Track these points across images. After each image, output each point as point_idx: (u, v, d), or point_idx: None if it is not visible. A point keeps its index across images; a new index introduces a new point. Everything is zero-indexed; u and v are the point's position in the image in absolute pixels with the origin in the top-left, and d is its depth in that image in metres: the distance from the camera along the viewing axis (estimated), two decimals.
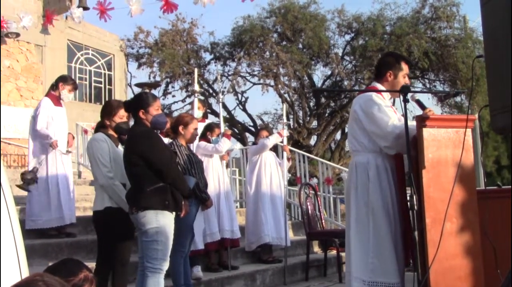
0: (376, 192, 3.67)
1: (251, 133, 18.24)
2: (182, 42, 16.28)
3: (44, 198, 5.99)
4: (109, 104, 4.53)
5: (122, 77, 15.48)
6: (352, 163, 3.87)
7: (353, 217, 3.74)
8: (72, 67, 14.03)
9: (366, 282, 3.59)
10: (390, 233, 3.61)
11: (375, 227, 3.63)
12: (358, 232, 3.70)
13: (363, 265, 3.62)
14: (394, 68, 3.91)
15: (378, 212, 3.64)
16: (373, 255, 3.60)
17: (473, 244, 3.43)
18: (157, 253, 3.92)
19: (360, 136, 3.80)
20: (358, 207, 3.73)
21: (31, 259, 4.77)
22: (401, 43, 14.43)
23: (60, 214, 5.99)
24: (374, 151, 3.75)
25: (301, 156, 9.54)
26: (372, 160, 3.74)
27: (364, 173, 3.74)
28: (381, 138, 3.67)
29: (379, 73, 3.99)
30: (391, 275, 3.56)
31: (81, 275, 2.19)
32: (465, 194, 3.46)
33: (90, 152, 4.36)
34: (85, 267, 2.24)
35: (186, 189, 4.19)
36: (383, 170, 3.72)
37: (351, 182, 3.83)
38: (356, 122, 3.82)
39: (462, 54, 14.57)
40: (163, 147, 4.14)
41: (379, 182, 3.68)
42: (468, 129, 3.52)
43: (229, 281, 5.87)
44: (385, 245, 3.59)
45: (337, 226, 8.99)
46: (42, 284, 1.59)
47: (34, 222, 5.93)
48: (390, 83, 3.91)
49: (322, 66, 17.18)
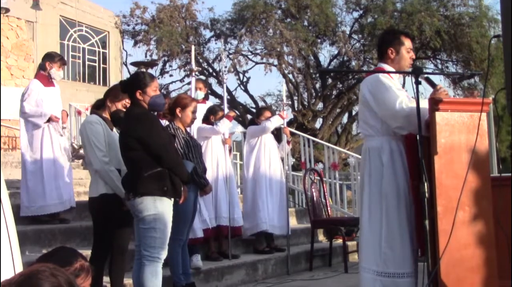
0: (390, 178, 3.66)
1: (253, 115, 18.22)
2: (180, 19, 16.21)
3: (39, 183, 5.99)
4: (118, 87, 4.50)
5: (117, 56, 15.45)
6: (364, 149, 3.86)
7: (366, 205, 3.74)
8: (65, 45, 14.00)
9: (377, 273, 3.60)
10: (405, 221, 3.61)
11: (387, 215, 3.63)
12: (371, 221, 3.69)
13: (375, 255, 3.63)
14: (394, 44, 3.90)
15: (391, 200, 3.64)
16: (385, 245, 3.60)
17: (486, 233, 3.43)
18: (155, 241, 3.93)
19: (371, 119, 3.78)
20: (371, 195, 3.73)
21: (23, 246, 4.81)
22: (412, 21, 14.35)
23: (56, 200, 5.98)
24: (387, 134, 3.73)
25: (305, 140, 9.55)
26: (386, 144, 3.72)
27: (378, 158, 3.73)
28: (391, 119, 3.65)
29: (380, 52, 4.00)
30: (403, 265, 3.57)
31: (77, 264, 2.20)
32: (478, 181, 3.45)
33: (84, 135, 4.35)
34: (80, 256, 2.25)
35: (185, 174, 4.20)
36: (397, 154, 3.71)
37: (364, 168, 3.82)
38: (366, 106, 3.81)
39: (476, 34, 14.49)
40: (162, 130, 4.14)
41: (393, 167, 3.67)
42: (483, 113, 3.51)
43: (230, 270, 5.91)
44: (399, 234, 3.59)
45: (343, 213, 9.03)
46: (48, 273, 1.61)
47: (29, 209, 5.94)
48: (394, 61, 3.90)
49: (329, 45, 17.13)
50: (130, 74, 15.71)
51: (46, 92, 6.11)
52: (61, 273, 1.66)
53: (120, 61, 15.73)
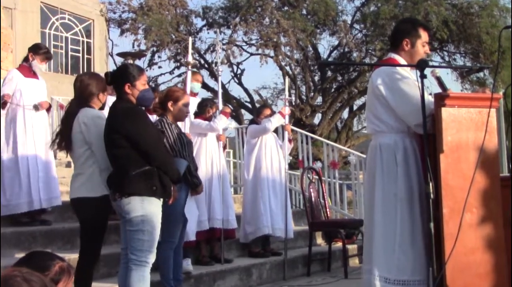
0: (405, 179, 3.64)
1: (247, 109, 18.24)
2: (170, 6, 16.17)
3: (15, 180, 5.98)
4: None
5: (102, 46, 15.41)
6: (374, 145, 3.81)
7: (378, 207, 3.70)
8: (46, 34, 13.96)
9: (390, 281, 3.59)
10: (419, 224, 3.58)
11: (402, 218, 3.60)
12: (385, 224, 3.66)
13: (387, 261, 3.61)
14: (411, 35, 3.87)
15: (406, 201, 3.62)
16: (399, 250, 3.58)
17: (495, 237, 3.45)
18: (143, 244, 3.94)
19: (385, 115, 3.74)
20: (384, 196, 3.69)
21: (2, 249, 4.80)
22: (417, 10, 14.36)
23: (32, 197, 5.96)
24: (402, 131, 3.71)
25: (303, 137, 9.56)
26: (400, 142, 3.70)
27: (391, 157, 3.69)
28: (410, 115, 3.60)
29: (394, 42, 3.96)
30: (417, 271, 3.56)
31: (56, 267, 2.19)
32: (487, 181, 3.47)
33: (92, 131, 4.21)
34: (57, 257, 2.24)
35: (176, 173, 4.20)
36: (411, 152, 3.69)
37: (375, 167, 3.77)
38: (379, 100, 3.75)
39: (486, 24, 14.51)
40: (150, 126, 4.14)
41: (407, 166, 3.65)
42: (492, 109, 3.52)
43: (222, 275, 5.92)
44: (414, 239, 3.58)
45: (343, 215, 9.04)
46: (20, 279, 1.59)
47: (6, 207, 5.93)
48: (408, 53, 3.87)
49: (329, 35, 17.13)
50: (117, 65, 15.75)
51: (26, 83, 6.10)
52: (35, 278, 1.62)
53: (105, 51, 15.68)
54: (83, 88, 4.37)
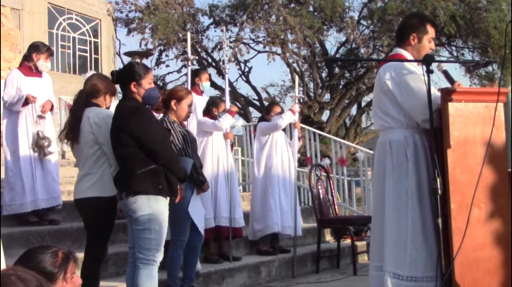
0: (416, 175, 3.61)
1: (255, 107, 18.24)
2: (177, 5, 16.20)
3: (18, 179, 6.01)
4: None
5: (109, 45, 15.43)
6: (384, 142, 3.79)
7: (390, 205, 3.67)
8: (54, 34, 13.99)
9: (402, 277, 3.56)
10: (430, 220, 3.56)
11: (413, 214, 3.58)
12: (396, 222, 3.63)
13: (399, 258, 3.58)
14: (418, 30, 3.86)
15: (418, 198, 3.59)
16: (411, 247, 3.55)
17: (504, 233, 3.43)
18: (150, 242, 3.94)
19: (394, 111, 3.71)
20: (395, 192, 3.67)
21: (10, 248, 4.81)
22: (424, 5, 14.29)
23: (34, 197, 5.98)
24: (411, 127, 3.68)
25: (311, 134, 9.54)
26: (410, 138, 3.67)
27: (401, 153, 3.67)
28: (418, 111, 3.58)
29: (401, 36, 3.95)
30: (429, 268, 3.53)
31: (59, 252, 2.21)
32: (495, 176, 3.45)
33: (104, 130, 4.18)
34: (53, 247, 2.26)
35: (182, 171, 4.20)
36: (421, 148, 3.66)
37: (385, 163, 3.74)
38: (387, 96, 3.73)
39: (494, 18, 14.43)
40: (156, 124, 4.15)
41: (418, 162, 3.63)
42: (500, 104, 3.49)
43: (231, 273, 5.92)
44: (426, 235, 3.56)
45: (351, 212, 9.03)
46: (15, 278, 1.58)
47: (10, 207, 5.96)
48: (415, 48, 3.86)
49: (336, 31, 17.13)
50: (124, 64, 15.78)
51: (26, 82, 6.10)
52: (30, 277, 1.62)
53: (113, 51, 15.72)
54: (92, 85, 4.41)
